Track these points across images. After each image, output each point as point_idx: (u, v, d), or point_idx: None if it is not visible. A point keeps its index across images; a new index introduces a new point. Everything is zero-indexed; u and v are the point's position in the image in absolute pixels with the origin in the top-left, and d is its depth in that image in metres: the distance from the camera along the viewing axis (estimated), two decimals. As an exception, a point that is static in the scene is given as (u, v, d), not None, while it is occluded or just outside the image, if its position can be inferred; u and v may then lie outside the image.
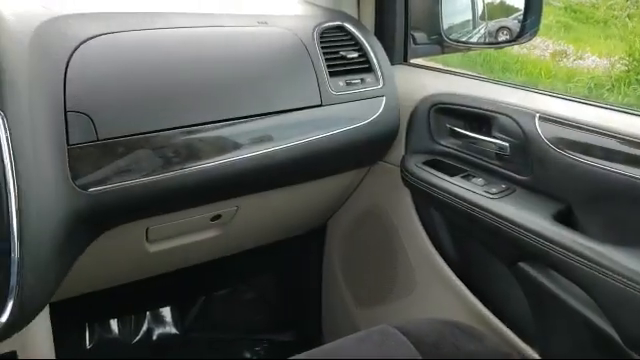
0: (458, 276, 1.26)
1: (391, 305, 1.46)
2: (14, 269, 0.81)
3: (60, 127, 0.91)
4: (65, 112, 0.92)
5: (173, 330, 1.83)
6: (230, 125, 1.09)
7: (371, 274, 1.52)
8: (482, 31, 1.46)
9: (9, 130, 0.81)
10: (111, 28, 1.04)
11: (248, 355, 1.83)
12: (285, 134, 1.15)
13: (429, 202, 1.29)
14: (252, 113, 1.12)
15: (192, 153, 1.04)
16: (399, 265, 1.41)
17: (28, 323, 0.88)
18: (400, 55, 1.44)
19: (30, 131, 0.85)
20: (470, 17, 1.49)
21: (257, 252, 1.59)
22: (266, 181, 1.20)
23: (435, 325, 1.01)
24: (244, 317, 1.91)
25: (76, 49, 0.97)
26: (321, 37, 1.27)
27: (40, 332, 1.01)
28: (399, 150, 1.35)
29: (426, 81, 1.36)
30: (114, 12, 1.10)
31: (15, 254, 0.81)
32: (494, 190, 1.11)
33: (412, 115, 1.32)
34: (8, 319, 0.81)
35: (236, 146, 1.09)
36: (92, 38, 1.00)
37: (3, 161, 0.80)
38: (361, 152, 1.33)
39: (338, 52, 1.28)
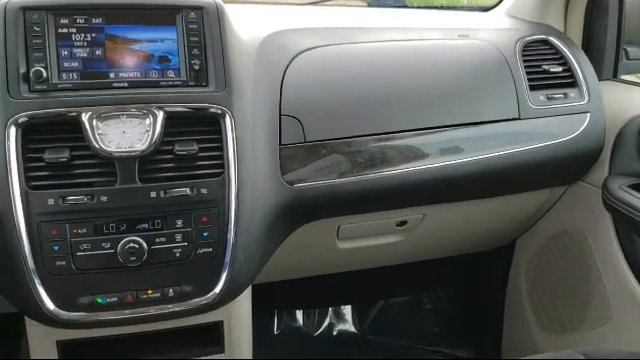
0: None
1: (581, 334, 1.37)
2: (229, 248, 0.94)
3: (275, 129, 1.03)
4: (280, 116, 1.04)
5: (352, 329, 1.91)
6: (425, 134, 1.13)
7: (561, 299, 1.44)
8: None
9: (235, 130, 0.94)
10: (323, 41, 1.15)
11: (422, 365, 1.85)
12: (478, 146, 1.16)
13: (633, 228, 1.19)
14: (447, 123, 1.14)
15: (385, 159, 1.10)
16: (593, 293, 1.33)
17: (236, 297, 1.00)
18: (609, 70, 1.36)
19: (251, 131, 0.98)
20: (698, 30, 1.35)
21: (440, 263, 1.60)
22: (455, 192, 1.21)
23: (626, 356, 0.93)
24: (421, 327, 1.92)
25: (292, 60, 1.09)
26: (523, 50, 1.26)
27: (243, 309, 1.14)
28: (602, 170, 1.27)
29: (638, 99, 1.26)
30: (327, 27, 1.21)
31: (231, 235, 0.94)
32: None
33: (619, 134, 1.23)
34: (221, 290, 0.95)
35: (428, 155, 1.13)
36: (307, 50, 1.12)
37: (229, 156, 0.94)
38: (559, 170, 1.27)
39: (540, 66, 1.25)
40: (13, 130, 0.87)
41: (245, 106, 0.98)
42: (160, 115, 0.91)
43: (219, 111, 0.94)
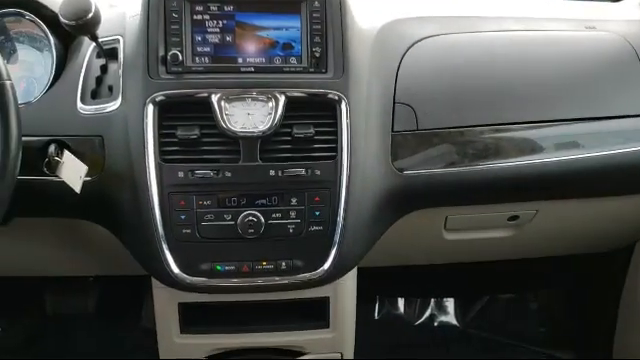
0: None
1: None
2: (338, 227, 0.99)
3: (388, 115, 1.05)
4: (393, 103, 1.06)
5: (453, 321, 1.90)
6: (542, 127, 1.10)
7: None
8: None
9: (350, 116, 0.98)
10: (442, 30, 1.15)
11: (524, 365, 1.80)
12: (600, 142, 1.11)
13: None
14: (567, 117, 1.11)
15: (499, 150, 1.09)
16: None
17: (343, 275, 1.05)
18: None
19: (365, 117, 1.01)
20: None
21: (550, 262, 1.55)
22: (572, 188, 1.17)
23: None
24: (525, 326, 1.88)
25: (410, 48, 1.11)
26: None
27: (349, 288, 1.18)
28: None
29: None
30: (446, 15, 1.21)
31: (340, 216, 0.98)
32: None
33: None
34: (329, 266, 1.00)
35: (544, 149, 1.10)
36: (425, 39, 1.13)
37: (342, 140, 0.98)
38: None
39: None
40: (151, 108, 0.96)
41: (361, 93, 1.01)
42: (282, 99, 0.96)
43: (336, 97, 0.98)
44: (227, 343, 1.18)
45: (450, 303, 1.92)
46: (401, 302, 1.91)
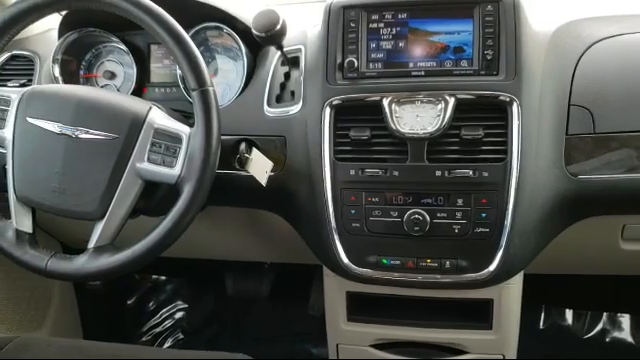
0: None
1: None
2: (505, 231, 0.99)
3: (562, 118, 1.02)
4: (569, 105, 1.03)
5: (629, 339, 1.76)
6: None
7: None
8: None
9: (521, 118, 0.98)
10: (623, 30, 1.09)
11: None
12: None
13: None
14: None
15: None
16: None
17: (508, 278, 1.05)
18: None
19: (537, 119, 1.00)
20: None
21: None
22: None
23: None
24: None
25: (587, 49, 1.07)
26: None
27: (514, 292, 1.17)
28: None
29: None
30: (629, 14, 1.14)
31: (508, 219, 0.99)
32: None
33: None
34: (495, 269, 1.00)
35: None
36: (603, 39, 1.08)
37: (512, 142, 0.98)
38: None
39: None
40: (328, 111, 1.04)
41: (533, 95, 1.00)
42: (451, 101, 0.99)
43: (507, 99, 0.98)
44: (390, 334, 1.23)
45: (625, 319, 1.79)
46: (569, 313, 1.82)
